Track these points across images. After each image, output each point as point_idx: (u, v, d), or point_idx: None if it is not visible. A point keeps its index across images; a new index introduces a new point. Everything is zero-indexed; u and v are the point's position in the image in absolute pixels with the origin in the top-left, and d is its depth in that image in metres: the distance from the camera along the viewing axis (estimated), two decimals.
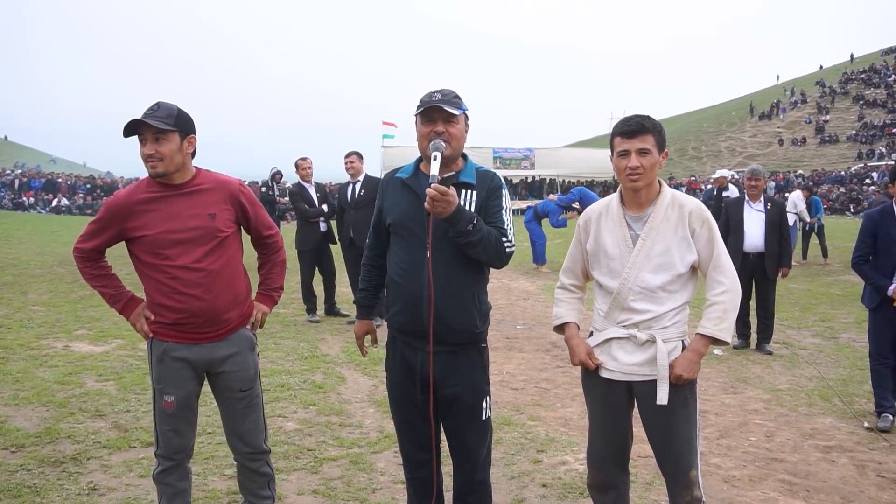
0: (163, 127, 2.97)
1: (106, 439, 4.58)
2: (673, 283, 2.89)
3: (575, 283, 3.20)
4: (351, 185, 8.68)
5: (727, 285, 2.88)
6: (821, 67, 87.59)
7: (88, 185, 39.53)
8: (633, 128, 2.86)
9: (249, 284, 3.31)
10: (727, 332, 2.87)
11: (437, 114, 2.93)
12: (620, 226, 2.96)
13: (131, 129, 2.98)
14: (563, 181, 40.85)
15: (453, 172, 3.02)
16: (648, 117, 2.91)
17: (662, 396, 2.84)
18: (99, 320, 8.48)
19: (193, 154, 3.14)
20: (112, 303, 3.19)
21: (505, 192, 3.07)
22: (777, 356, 7.33)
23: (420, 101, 2.99)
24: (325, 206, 9.05)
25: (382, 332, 3.19)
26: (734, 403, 5.72)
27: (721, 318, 2.86)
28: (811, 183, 34.50)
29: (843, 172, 42.81)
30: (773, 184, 39.31)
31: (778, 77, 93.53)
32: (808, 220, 14.85)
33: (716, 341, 2.89)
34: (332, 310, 9.29)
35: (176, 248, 3.04)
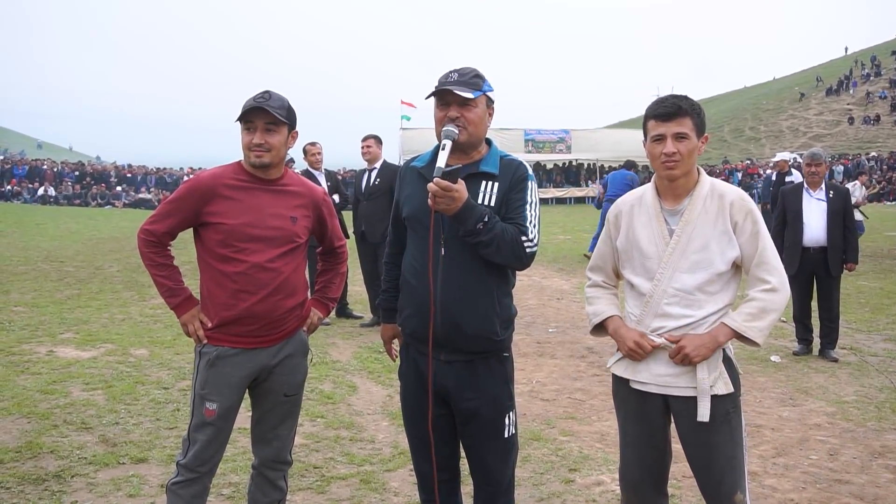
0: (279, 117, 3.14)
1: (92, 454, 4.64)
2: (712, 284, 2.86)
3: (606, 280, 3.19)
4: (367, 173, 8.72)
5: (773, 284, 2.82)
6: None
7: (77, 173, 39.97)
8: (669, 109, 2.84)
9: (308, 294, 3.46)
10: (759, 333, 2.81)
11: (451, 97, 2.92)
12: (657, 220, 2.93)
13: (242, 113, 3.14)
14: (603, 166, 40.64)
15: (473, 161, 3.01)
16: (686, 97, 2.89)
17: (704, 413, 2.81)
18: (87, 322, 8.61)
19: None
20: (167, 296, 3.28)
21: (531, 184, 3.03)
22: (843, 364, 7.25)
23: (438, 81, 2.98)
24: (336, 197, 9.08)
25: None
26: (793, 417, 5.67)
27: (755, 315, 2.81)
28: (881, 175, 34.03)
29: None
30: (841, 167, 38.81)
31: (846, 49, 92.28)
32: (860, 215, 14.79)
33: (743, 339, 2.83)
34: (343, 311, 9.33)
35: (252, 243, 3.16)
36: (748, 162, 45.52)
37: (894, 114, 57.41)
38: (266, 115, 3.13)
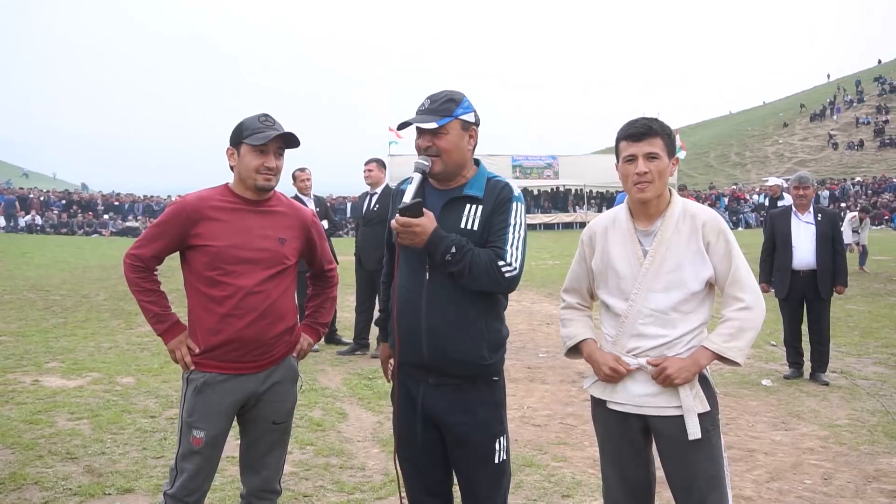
0: (297, 142, 3.21)
1: (77, 485, 4.55)
2: (686, 303, 2.87)
3: (581, 302, 3.20)
4: (368, 198, 8.73)
5: (747, 302, 2.85)
6: (879, 62, 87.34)
7: (64, 201, 39.79)
8: (640, 130, 2.87)
9: (298, 321, 3.42)
10: (739, 352, 2.83)
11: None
12: (631, 241, 2.95)
13: (259, 135, 3.12)
14: (591, 192, 40.82)
15: (458, 185, 2.97)
16: (656, 119, 2.92)
17: (694, 430, 2.80)
18: (72, 351, 8.51)
19: None
20: (154, 322, 3.23)
21: (515, 205, 2.95)
22: (834, 387, 7.23)
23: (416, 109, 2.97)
24: (324, 223, 9.05)
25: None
26: (786, 441, 5.64)
27: (733, 335, 2.83)
28: (866, 201, 34.32)
29: None
30: (826, 193, 39.12)
31: (829, 76, 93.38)
32: (848, 240, 15.23)
33: (724, 360, 2.84)
34: (332, 337, 9.27)
35: (240, 265, 3.12)
36: (735, 187, 45.82)
37: (878, 139, 57.96)
38: (280, 140, 3.15)
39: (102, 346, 8.86)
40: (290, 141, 3.20)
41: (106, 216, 38.64)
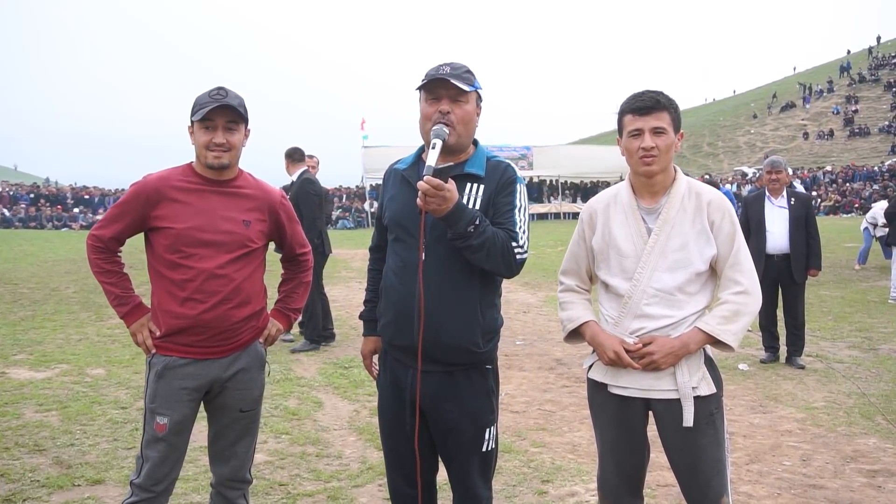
0: (242, 114, 3.04)
1: (45, 477, 4.44)
2: (692, 284, 2.78)
3: (580, 284, 3.07)
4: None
5: (745, 286, 2.77)
6: (848, 52, 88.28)
7: (32, 195, 39.26)
8: (647, 103, 2.76)
9: (266, 304, 3.30)
10: (733, 336, 2.74)
11: (444, 90, 2.76)
12: (634, 218, 2.84)
13: (202, 111, 2.97)
14: (566, 183, 40.91)
15: (459, 162, 2.85)
16: (662, 93, 2.81)
17: (688, 417, 2.73)
18: (41, 343, 8.36)
19: None
20: (116, 304, 3.14)
21: (520, 187, 2.87)
22: (810, 370, 7.27)
23: (425, 75, 2.82)
24: None
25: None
26: (764, 424, 5.65)
27: (728, 318, 2.74)
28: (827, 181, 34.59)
29: (875, 168, 43.04)
30: (798, 181, 39.50)
31: (794, 69, 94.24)
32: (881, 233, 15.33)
33: (717, 344, 2.77)
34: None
35: (202, 248, 3.01)
36: (707, 177, 46.13)
37: (847, 128, 58.59)
38: (227, 113, 3.00)
39: (72, 338, 8.70)
40: (237, 111, 3.02)
41: (76, 209, 38.11)
